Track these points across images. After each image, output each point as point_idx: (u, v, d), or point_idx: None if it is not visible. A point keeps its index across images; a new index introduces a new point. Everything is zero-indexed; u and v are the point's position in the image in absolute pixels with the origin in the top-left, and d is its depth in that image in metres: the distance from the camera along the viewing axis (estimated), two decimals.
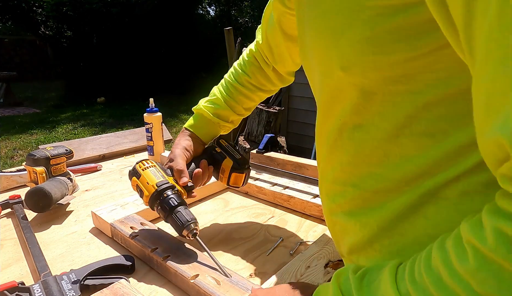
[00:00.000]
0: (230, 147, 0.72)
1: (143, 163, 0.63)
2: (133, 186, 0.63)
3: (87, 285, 0.52)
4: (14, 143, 3.94)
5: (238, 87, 0.70)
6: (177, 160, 0.64)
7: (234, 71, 0.72)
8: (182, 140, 0.69)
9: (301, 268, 0.53)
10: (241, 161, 0.69)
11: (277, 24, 0.62)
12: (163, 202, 0.58)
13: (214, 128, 0.72)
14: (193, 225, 0.57)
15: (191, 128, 0.71)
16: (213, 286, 0.49)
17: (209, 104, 0.71)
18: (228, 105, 0.70)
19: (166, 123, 1.56)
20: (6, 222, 0.77)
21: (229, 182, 0.69)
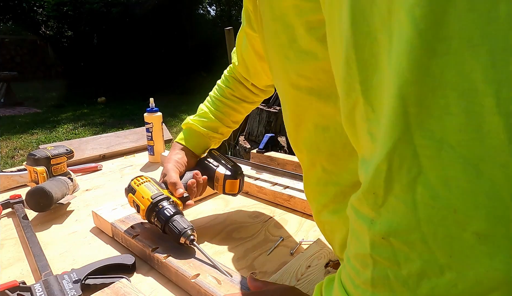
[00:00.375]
0: (222, 156, 0.74)
1: (137, 179, 0.65)
2: (129, 202, 0.65)
3: (88, 285, 0.52)
4: (14, 143, 3.94)
5: (224, 101, 0.75)
6: (170, 173, 0.66)
7: (218, 88, 0.77)
8: (174, 154, 0.71)
9: (302, 267, 0.53)
10: (234, 168, 0.71)
11: (250, 46, 0.66)
12: (159, 213, 0.59)
13: (204, 141, 0.75)
14: (190, 232, 0.57)
15: (181, 141, 0.74)
16: (213, 285, 0.49)
17: (197, 118, 0.75)
18: (216, 118, 0.74)
19: (166, 123, 1.56)
20: (7, 221, 0.77)
21: (225, 190, 0.71)
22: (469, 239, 0.18)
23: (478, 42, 0.17)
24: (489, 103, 0.17)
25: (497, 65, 0.17)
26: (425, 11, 0.18)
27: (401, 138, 0.20)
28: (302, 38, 0.37)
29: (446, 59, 0.18)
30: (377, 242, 0.23)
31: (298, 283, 0.50)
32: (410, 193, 0.20)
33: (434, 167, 0.19)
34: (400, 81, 0.20)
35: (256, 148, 1.13)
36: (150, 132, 1.14)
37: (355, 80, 0.24)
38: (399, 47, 0.20)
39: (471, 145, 0.18)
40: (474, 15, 0.17)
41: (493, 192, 0.17)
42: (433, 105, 0.19)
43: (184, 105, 5.76)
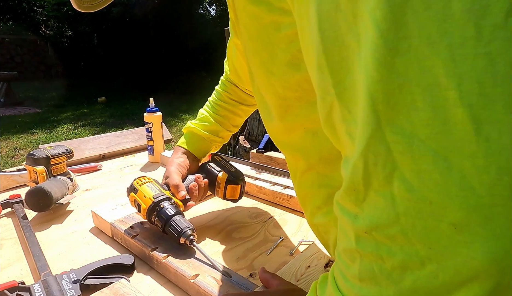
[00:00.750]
0: (225, 161, 0.75)
1: (140, 179, 0.66)
2: (131, 201, 0.65)
3: (87, 285, 0.52)
4: (14, 142, 3.94)
5: (222, 104, 0.76)
6: (172, 176, 0.67)
7: (216, 92, 0.79)
8: (176, 158, 0.72)
9: (301, 268, 0.53)
10: (235, 173, 0.72)
11: (240, 55, 0.67)
12: (160, 212, 0.60)
13: (205, 144, 0.76)
14: (189, 232, 0.58)
15: (183, 145, 0.75)
16: (213, 285, 0.49)
17: (198, 122, 0.76)
18: (216, 121, 0.76)
19: (166, 123, 1.56)
20: (6, 221, 0.77)
21: (226, 195, 0.72)
22: (445, 230, 0.19)
23: (436, 39, 0.18)
24: (453, 96, 0.17)
25: (457, 59, 0.17)
26: (384, 12, 0.19)
27: (373, 135, 0.21)
28: (283, 53, 0.38)
29: (408, 57, 0.19)
30: (362, 236, 0.23)
31: (297, 283, 0.50)
32: (387, 187, 0.21)
33: (407, 162, 0.20)
34: (368, 81, 0.20)
35: (256, 148, 1.13)
36: (150, 132, 1.14)
37: (329, 84, 0.24)
38: (365, 49, 0.21)
39: (439, 138, 0.18)
40: (430, 14, 0.18)
41: (464, 182, 0.18)
42: (400, 102, 0.19)
43: (184, 105, 5.76)
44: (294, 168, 0.47)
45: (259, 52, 0.41)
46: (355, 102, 0.22)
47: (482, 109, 0.17)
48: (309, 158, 0.42)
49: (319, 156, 0.41)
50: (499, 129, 0.17)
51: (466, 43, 0.17)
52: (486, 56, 0.17)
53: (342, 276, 0.26)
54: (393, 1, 0.19)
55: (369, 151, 0.21)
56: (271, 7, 0.36)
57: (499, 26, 0.16)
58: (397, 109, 0.19)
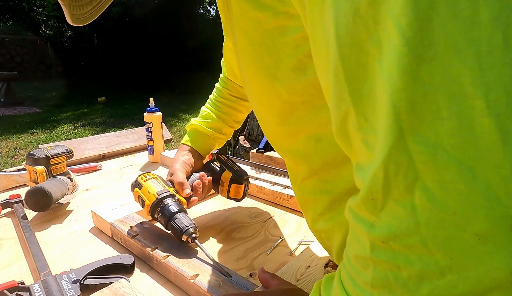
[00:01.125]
0: (229, 160, 0.75)
1: (144, 175, 0.67)
2: (135, 197, 0.66)
3: (87, 285, 0.52)
4: (14, 142, 3.94)
5: (224, 101, 0.77)
6: (177, 173, 0.68)
7: (216, 90, 0.80)
8: (181, 155, 0.73)
9: (301, 268, 0.53)
10: (240, 173, 0.72)
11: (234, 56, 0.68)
12: (163, 209, 0.60)
13: (209, 141, 0.77)
14: (192, 229, 0.58)
15: (187, 143, 0.76)
16: (213, 285, 0.49)
17: (201, 120, 0.77)
18: (218, 118, 0.76)
19: (166, 123, 1.56)
20: (6, 221, 0.77)
21: (229, 194, 0.72)
22: (469, 240, 0.19)
23: (463, 47, 0.17)
24: (480, 105, 0.17)
25: (484, 68, 0.17)
26: (410, 19, 0.19)
27: (395, 145, 0.20)
28: (289, 57, 0.37)
29: (434, 65, 0.18)
30: (377, 245, 0.23)
31: (297, 283, 0.50)
32: (408, 197, 0.20)
33: (430, 172, 0.19)
34: (391, 89, 0.20)
35: (256, 148, 1.13)
36: (150, 132, 1.13)
37: (344, 91, 0.24)
38: (388, 56, 0.20)
39: (464, 148, 0.18)
40: (457, 21, 0.17)
41: (489, 193, 0.17)
42: (424, 111, 0.19)
43: (184, 105, 5.75)
44: (294, 174, 0.47)
45: (262, 57, 0.41)
46: (373, 110, 0.22)
47: (510, 119, 0.17)
48: (312, 164, 0.42)
49: (322, 162, 0.40)
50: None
51: (494, 52, 0.17)
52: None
53: (352, 281, 0.26)
54: (419, 8, 0.18)
55: (390, 161, 0.21)
56: (275, 11, 0.36)
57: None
58: (421, 118, 0.19)
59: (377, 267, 0.23)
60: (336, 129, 0.27)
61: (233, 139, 3.07)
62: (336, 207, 0.41)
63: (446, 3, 0.18)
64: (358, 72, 0.23)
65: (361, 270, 0.25)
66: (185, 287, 0.52)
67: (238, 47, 0.45)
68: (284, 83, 0.40)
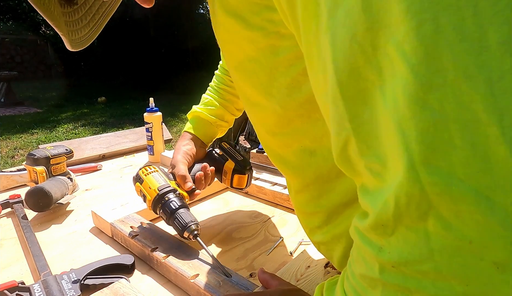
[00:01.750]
0: (232, 149, 0.73)
1: (145, 168, 0.65)
2: (137, 191, 0.65)
3: (87, 285, 0.52)
4: (14, 142, 3.94)
5: (225, 88, 0.75)
6: (179, 165, 0.66)
7: (217, 77, 0.78)
8: (183, 145, 0.71)
9: (301, 268, 0.53)
10: (243, 163, 0.70)
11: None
12: (165, 205, 0.59)
13: (212, 129, 0.75)
14: (194, 226, 0.57)
15: (190, 130, 0.74)
16: (213, 285, 0.49)
17: (204, 107, 0.75)
18: (221, 105, 0.74)
19: (166, 123, 1.56)
20: (6, 221, 0.77)
21: (232, 184, 0.71)
22: (487, 269, 0.18)
23: (474, 72, 0.17)
24: (494, 133, 0.17)
25: (496, 94, 0.16)
26: (414, 45, 0.18)
27: (406, 176, 0.19)
28: (283, 76, 0.37)
29: (444, 92, 0.18)
30: (387, 268, 0.22)
31: (297, 283, 0.50)
32: (421, 224, 0.20)
33: (445, 202, 0.19)
34: (398, 118, 0.19)
35: (256, 148, 1.12)
36: (150, 132, 1.13)
37: (344, 118, 0.23)
38: (393, 83, 0.20)
39: (480, 177, 0.17)
40: (465, 45, 0.17)
41: (508, 221, 0.17)
42: (436, 140, 0.18)
43: (184, 105, 5.75)
44: (289, 185, 0.46)
45: (258, 74, 0.40)
46: (376, 137, 0.22)
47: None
48: (305, 177, 0.41)
49: (315, 176, 0.40)
50: None
51: (505, 77, 0.16)
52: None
53: (357, 295, 0.26)
54: (423, 33, 0.18)
55: (402, 192, 0.20)
56: (266, 31, 0.35)
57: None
58: (433, 148, 0.18)
59: (386, 288, 0.23)
60: (336, 156, 0.26)
61: (233, 139, 3.07)
62: (333, 220, 0.40)
63: (452, 26, 0.17)
64: (357, 99, 0.22)
65: (368, 288, 0.24)
66: (185, 287, 0.52)
67: (233, 59, 0.44)
68: (278, 100, 0.39)
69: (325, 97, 0.25)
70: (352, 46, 0.21)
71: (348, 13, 0.21)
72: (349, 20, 0.21)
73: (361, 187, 0.25)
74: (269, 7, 0.34)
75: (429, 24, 0.18)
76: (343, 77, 0.22)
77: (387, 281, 0.22)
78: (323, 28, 0.23)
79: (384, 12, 0.19)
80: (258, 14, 0.35)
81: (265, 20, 0.35)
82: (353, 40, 0.21)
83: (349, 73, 0.22)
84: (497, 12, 0.16)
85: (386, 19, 0.19)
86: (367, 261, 0.24)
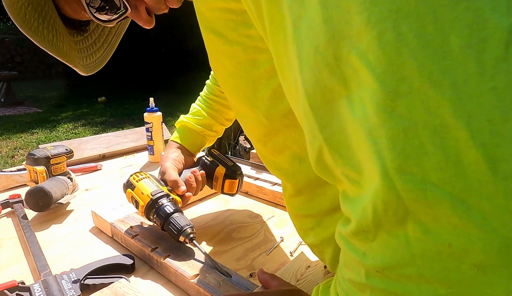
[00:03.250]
0: (222, 155, 0.74)
1: (136, 175, 0.65)
2: (128, 198, 0.64)
3: (87, 285, 0.52)
4: (14, 142, 3.94)
5: (214, 98, 0.75)
6: (169, 171, 0.66)
7: (207, 87, 0.78)
8: (170, 153, 0.71)
9: (301, 268, 0.53)
10: (233, 168, 0.71)
11: None
12: (158, 210, 0.59)
13: (199, 139, 0.75)
14: (189, 230, 0.57)
15: (177, 139, 0.74)
16: (213, 285, 0.49)
17: (191, 117, 0.75)
18: (209, 115, 0.75)
19: (166, 123, 1.56)
20: (6, 221, 0.77)
21: (223, 189, 0.71)
22: (468, 271, 0.18)
23: (438, 77, 0.17)
24: (463, 136, 0.17)
25: (463, 97, 0.16)
26: (378, 54, 0.18)
27: (380, 184, 0.19)
28: (265, 88, 0.37)
29: (411, 99, 0.18)
30: (372, 273, 0.22)
31: (297, 283, 0.50)
32: (401, 229, 0.20)
33: (421, 208, 0.19)
34: (369, 126, 0.19)
35: None
36: (150, 132, 1.14)
37: (315, 128, 0.23)
38: (359, 93, 0.20)
39: (454, 181, 0.17)
40: (428, 51, 0.17)
41: (485, 224, 0.17)
42: (407, 147, 0.18)
43: (184, 105, 5.73)
44: (284, 189, 0.47)
45: (241, 87, 0.41)
46: (347, 146, 0.22)
47: (496, 147, 0.16)
48: (297, 182, 0.42)
49: (306, 181, 0.40)
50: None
51: (470, 80, 0.16)
52: (492, 91, 0.16)
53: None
54: (385, 42, 0.18)
55: (378, 199, 0.20)
56: (245, 46, 0.36)
57: (501, 59, 0.16)
58: (405, 155, 0.18)
59: (374, 293, 0.23)
60: (314, 163, 0.26)
61: (233, 140, 3.07)
62: (323, 223, 0.40)
63: (414, 34, 0.17)
64: (325, 110, 0.22)
65: (358, 292, 0.25)
66: (185, 287, 0.52)
67: (217, 75, 0.44)
68: (263, 111, 0.40)
69: (298, 107, 0.25)
70: (316, 57, 0.21)
71: (311, 25, 0.21)
72: (312, 32, 0.21)
73: (342, 193, 0.25)
74: (245, 23, 0.34)
75: (390, 32, 0.18)
76: (309, 89, 0.23)
77: (374, 285, 0.23)
78: (290, 40, 0.23)
79: (345, 23, 0.19)
80: (235, 30, 0.36)
81: (242, 36, 0.35)
82: (316, 51, 0.21)
83: (315, 85, 0.22)
84: (456, 17, 0.16)
85: (346, 30, 0.19)
86: (354, 267, 0.24)
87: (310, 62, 0.22)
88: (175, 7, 0.53)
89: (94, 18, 0.49)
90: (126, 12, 0.51)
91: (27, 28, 0.45)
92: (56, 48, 0.48)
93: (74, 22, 0.53)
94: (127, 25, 0.57)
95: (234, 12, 0.34)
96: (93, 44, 0.54)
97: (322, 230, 0.41)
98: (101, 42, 0.55)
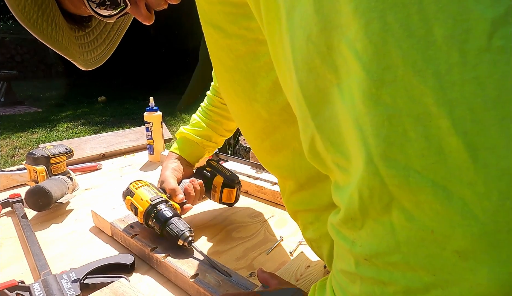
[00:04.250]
0: (220, 166, 0.75)
1: (136, 183, 0.66)
2: (127, 205, 0.65)
3: (87, 284, 0.52)
4: (14, 142, 3.94)
5: (214, 109, 0.76)
6: (168, 180, 0.67)
7: (207, 98, 0.78)
8: (170, 163, 0.72)
9: (301, 267, 0.53)
10: (231, 177, 0.72)
11: None
12: (157, 215, 0.60)
13: (198, 149, 0.76)
14: (188, 233, 0.57)
15: (176, 151, 0.75)
16: (213, 285, 0.49)
17: (190, 128, 0.76)
18: (208, 127, 0.75)
19: (166, 122, 1.56)
20: (6, 220, 0.77)
21: (222, 199, 0.72)
22: (450, 257, 0.18)
23: (422, 67, 0.17)
24: (445, 124, 0.17)
25: (445, 86, 0.17)
26: (364, 43, 0.19)
27: (366, 170, 0.20)
28: (264, 80, 0.38)
29: (395, 87, 0.18)
30: (361, 262, 0.23)
31: (297, 283, 0.50)
32: (386, 216, 0.20)
33: (404, 194, 0.19)
34: (355, 114, 0.20)
35: None
36: (150, 132, 1.14)
37: (307, 116, 0.24)
38: (348, 81, 0.20)
39: (436, 168, 0.18)
40: (413, 41, 0.17)
41: (466, 210, 0.17)
42: (391, 134, 0.19)
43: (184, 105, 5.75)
44: (282, 187, 0.47)
45: (239, 82, 0.41)
46: (338, 134, 0.22)
47: (477, 136, 0.17)
48: (298, 178, 0.42)
49: (307, 176, 0.40)
50: (496, 154, 0.16)
51: (453, 70, 0.17)
52: (474, 81, 0.16)
53: (342, 291, 0.26)
54: (372, 31, 0.18)
55: (363, 185, 0.21)
56: (245, 39, 0.36)
57: (483, 49, 0.16)
58: (389, 142, 0.19)
59: (363, 282, 0.23)
60: (307, 152, 0.27)
61: (233, 139, 3.07)
62: (322, 218, 0.41)
63: (399, 24, 0.18)
64: (317, 98, 0.23)
65: (349, 283, 0.25)
66: (185, 287, 0.52)
67: (216, 71, 0.44)
68: (262, 104, 0.40)
69: (292, 96, 0.26)
70: (309, 46, 0.22)
71: (303, 15, 0.22)
72: (304, 21, 0.22)
73: (334, 183, 0.26)
74: (245, 15, 0.34)
75: (377, 22, 0.18)
76: (302, 77, 0.23)
77: (363, 274, 0.23)
78: (284, 29, 0.24)
79: (335, 12, 0.20)
80: (235, 23, 0.36)
81: (242, 28, 0.36)
82: (309, 40, 0.22)
83: (307, 73, 0.23)
84: (441, 8, 0.17)
85: (337, 19, 0.20)
86: (344, 256, 0.25)
87: (303, 51, 0.22)
88: (175, 3, 0.53)
89: (94, 13, 0.49)
90: (126, 8, 0.51)
91: (26, 20, 0.45)
92: (55, 42, 0.48)
93: (75, 17, 0.53)
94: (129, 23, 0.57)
95: (235, 5, 0.35)
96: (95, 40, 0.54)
97: (321, 225, 0.41)
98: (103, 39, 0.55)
